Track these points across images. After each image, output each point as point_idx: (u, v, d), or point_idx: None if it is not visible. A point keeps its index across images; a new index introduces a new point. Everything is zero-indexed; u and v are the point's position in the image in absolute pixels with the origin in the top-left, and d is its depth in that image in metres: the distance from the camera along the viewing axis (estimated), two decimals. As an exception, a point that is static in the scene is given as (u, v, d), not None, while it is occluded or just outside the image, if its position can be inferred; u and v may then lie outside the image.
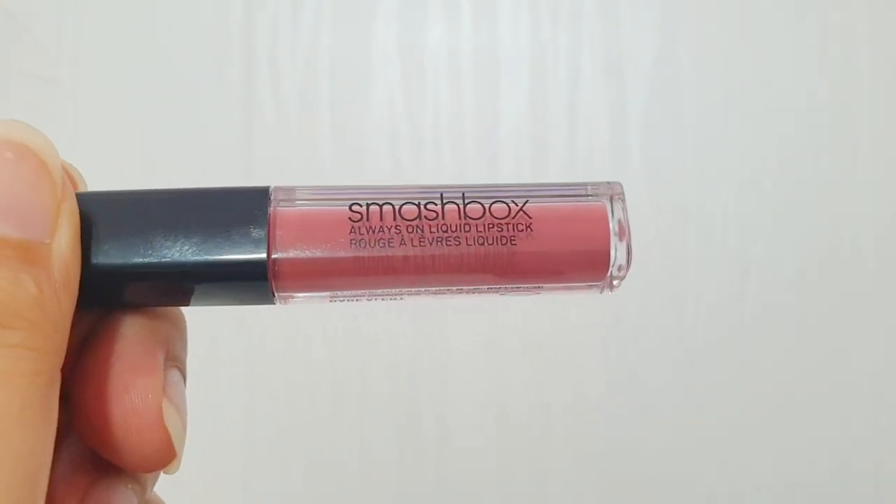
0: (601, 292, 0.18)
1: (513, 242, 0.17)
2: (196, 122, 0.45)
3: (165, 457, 0.18)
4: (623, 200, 0.18)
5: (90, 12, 0.45)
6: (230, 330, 0.44)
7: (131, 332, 0.18)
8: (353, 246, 0.17)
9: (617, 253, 0.17)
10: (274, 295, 0.18)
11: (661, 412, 0.43)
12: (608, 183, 0.18)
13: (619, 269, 0.17)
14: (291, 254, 0.17)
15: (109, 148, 0.44)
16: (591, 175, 0.44)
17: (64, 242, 0.16)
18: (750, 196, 0.44)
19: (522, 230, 0.17)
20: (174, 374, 0.19)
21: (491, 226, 0.17)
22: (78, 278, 0.17)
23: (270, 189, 0.18)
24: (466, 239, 0.17)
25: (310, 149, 0.45)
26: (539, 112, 0.45)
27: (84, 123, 0.44)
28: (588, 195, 0.18)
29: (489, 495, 0.43)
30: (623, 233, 0.17)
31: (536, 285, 0.18)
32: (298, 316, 0.43)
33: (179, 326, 0.20)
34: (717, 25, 0.45)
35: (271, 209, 0.18)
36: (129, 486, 0.19)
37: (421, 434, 0.43)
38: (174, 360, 0.19)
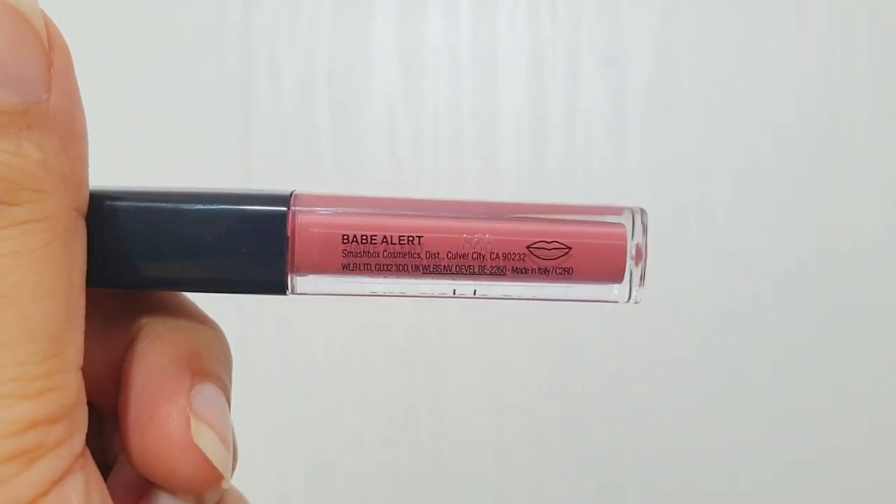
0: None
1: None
2: (193, 119, 0.44)
3: (209, 476, 0.18)
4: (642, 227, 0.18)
5: (88, 9, 0.44)
6: (226, 320, 0.44)
7: (153, 360, 0.18)
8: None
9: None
10: (288, 292, 0.18)
11: (659, 406, 0.43)
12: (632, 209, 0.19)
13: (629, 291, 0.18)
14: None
15: (106, 144, 0.43)
16: (592, 173, 0.44)
17: (62, 93, 0.15)
18: (750, 190, 0.44)
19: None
20: (206, 389, 0.19)
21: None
22: (84, 122, 0.16)
23: (291, 196, 0.18)
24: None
25: (308, 146, 0.44)
26: (538, 108, 0.45)
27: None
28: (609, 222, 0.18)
29: (485, 487, 0.43)
30: (640, 256, 0.18)
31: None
32: (293, 307, 0.43)
33: (210, 339, 0.20)
34: (718, 20, 0.45)
35: (290, 227, 0.18)
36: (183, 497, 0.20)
37: (416, 424, 0.43)
38: (206, 374, 0.19)
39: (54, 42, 0.15)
